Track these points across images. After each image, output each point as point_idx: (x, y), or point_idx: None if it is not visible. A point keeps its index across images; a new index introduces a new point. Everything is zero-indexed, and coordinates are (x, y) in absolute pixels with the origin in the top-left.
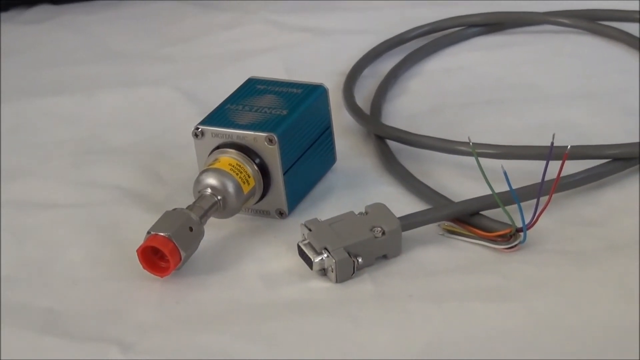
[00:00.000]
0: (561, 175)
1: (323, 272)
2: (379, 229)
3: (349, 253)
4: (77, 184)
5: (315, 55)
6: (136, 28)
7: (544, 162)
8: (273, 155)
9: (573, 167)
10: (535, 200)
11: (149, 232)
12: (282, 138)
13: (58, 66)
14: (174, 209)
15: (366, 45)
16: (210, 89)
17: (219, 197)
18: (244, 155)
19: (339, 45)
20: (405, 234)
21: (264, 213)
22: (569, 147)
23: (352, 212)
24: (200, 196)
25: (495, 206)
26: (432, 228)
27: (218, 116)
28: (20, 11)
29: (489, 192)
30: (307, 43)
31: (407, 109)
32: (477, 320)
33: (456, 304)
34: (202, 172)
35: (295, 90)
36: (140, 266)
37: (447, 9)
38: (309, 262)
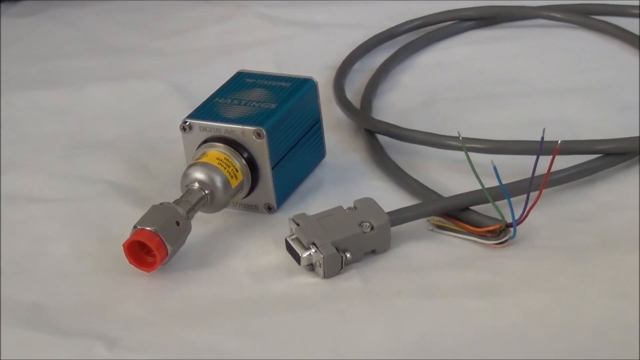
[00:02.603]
0: (552, 170)
1: (311, 267)
2: (368, 224)
3: (337, 248)
4: (66, 178)
5: (306, 49)
6: (127, 21)
7: (535, 157)
8: (261, 150)
9: (565, 162)
10: (525, 196)
11: (135, 227)
12: (271, 132)
13: (48, 59)
14: (161, 203)
15: (357, 39)
16: (201, 82)
17: (206, 192)
18: (232, 149)
19: (330, 39)
20: (394, 229)
21: (252, 208)
22: (559, 142)
23: (340, 207)
24: (187, 190)
25: (486, 201)
26: (421, 223)
27: (206, 110)
28: (11, 4)
29: (479, 187)
30: (298, 37)
31: (398, 104)
32: (466, 316)
33: (445, 300)
34: (190, 166)
35: (284, 84)
36: (127, 261)
37: (439, 3)
38: (296, 257)
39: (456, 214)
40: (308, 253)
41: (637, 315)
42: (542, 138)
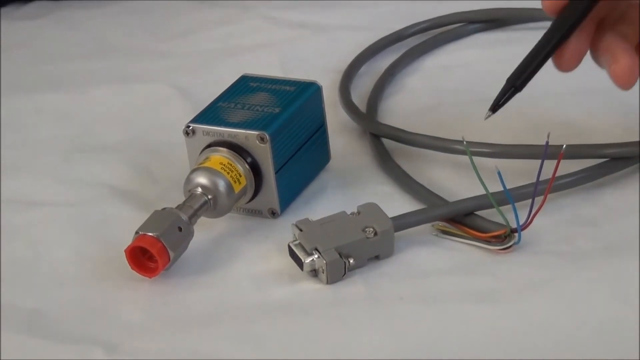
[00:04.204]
0: (557, 175)
1: (314, 273)
2: (371, 229)
3: (340, 254)
4: (68, 182)
5: (312, 52)
6: (132, 24)
7: (540, 161)
8: (265, 154)
9: (571, 166)
10: (530, 201)
11: (137, 232)
12: (274, 136)
13: (53, 62)
14: (163, 209)
15: (364, 41)
16: (206, 85)
17: (209, 197)
18: (236, 154)
19: (336, 41)
20: (398, 234)
21: (256, 212)
22: (564, 146)
23: (344, 212)
24: (190, 195)
25: (490, 206)
26: (425, 228)
27: (209, 114)
28: (18, 6)
29: (484, 192)
30: (303, 39)
31: (404, 107)
32: (469, 322)
33: (449, 306)
34: (193, 170)
35: (288, 88)
36: (129, 266)
37: (447, 5)
38: (299, 263)
39: (461, 219)
40: (311, 259)
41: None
42: (547, 142)
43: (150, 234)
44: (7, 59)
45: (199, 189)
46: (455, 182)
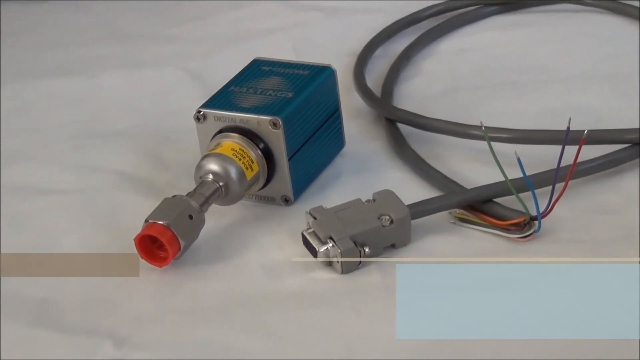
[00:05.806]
0: (578, 161)
1: (328, 262)
2: (387, 217)
3: (355, 242)
4: (77, 169)
5: (326, 35)
6: (142, 8)
7: (560, 147)
8: (278, 140)
9: (591, 152)
10: (550, 187)
11: (146, 220)
12: (287, 122)
13: (61, 47)
14: (174, 196)
15: (378, 24)
16: (217, 70)
17: (220, 184)
18: (248, 140)
19: (350, 24)
20: (414, 222)
21: (269, 200)
22: (585, 131)
23: (359, 200)
24: (201, 182)
25: (509, 193)
26: (443, 216)
27: (221, 99)
28: None
29: (503, 178)
30: (317, 22)
31: (419, 91)
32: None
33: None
34: (204, 157)
35: (301, 72)
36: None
37: None
38: (313, 251)
39: (479, 207)
40: (325, 247)
41: None
42: (568, 128)
43: (160, 222)
44: (15, 43)
45: (210, 176)
46: (473, 168)
